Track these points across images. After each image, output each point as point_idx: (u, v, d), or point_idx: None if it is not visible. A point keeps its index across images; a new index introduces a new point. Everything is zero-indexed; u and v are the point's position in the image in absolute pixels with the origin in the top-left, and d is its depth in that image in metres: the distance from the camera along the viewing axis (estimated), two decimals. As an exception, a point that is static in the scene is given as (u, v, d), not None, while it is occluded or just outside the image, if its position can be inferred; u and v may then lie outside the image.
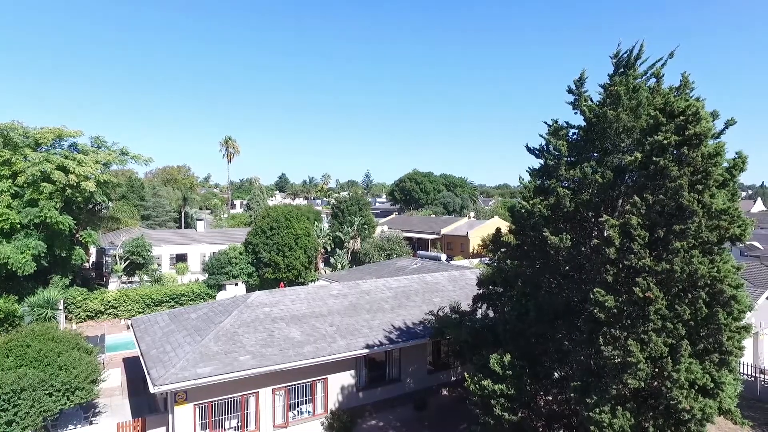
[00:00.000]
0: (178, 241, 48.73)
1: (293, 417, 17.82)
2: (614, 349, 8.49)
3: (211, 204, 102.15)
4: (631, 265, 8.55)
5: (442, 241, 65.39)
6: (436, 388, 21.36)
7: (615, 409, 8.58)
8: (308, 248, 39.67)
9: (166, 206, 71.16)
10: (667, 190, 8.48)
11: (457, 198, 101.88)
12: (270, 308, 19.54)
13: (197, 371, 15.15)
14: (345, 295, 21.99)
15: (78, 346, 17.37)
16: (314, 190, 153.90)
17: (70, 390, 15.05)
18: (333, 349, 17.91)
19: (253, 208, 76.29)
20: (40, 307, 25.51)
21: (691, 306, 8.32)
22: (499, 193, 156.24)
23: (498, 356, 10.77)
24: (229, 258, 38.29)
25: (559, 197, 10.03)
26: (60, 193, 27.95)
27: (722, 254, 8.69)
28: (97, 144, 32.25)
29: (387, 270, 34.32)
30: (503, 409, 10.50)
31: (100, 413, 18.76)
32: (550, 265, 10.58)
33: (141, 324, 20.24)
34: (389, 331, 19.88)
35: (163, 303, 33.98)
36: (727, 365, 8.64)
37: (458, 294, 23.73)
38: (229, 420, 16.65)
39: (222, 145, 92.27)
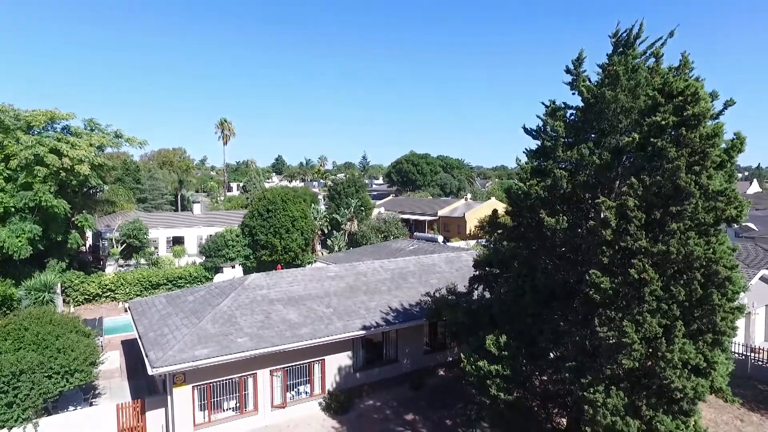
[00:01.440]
0: (174, 223, 48.64)
1: (291, 397, 18.01)
2: (609, 330, 8.54)
3: (207, 186, 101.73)
4: (627, 247, 8.55)
5: (438, 223, 65.47)
6: (432, 369, 21.59)
7: (609, 388, 8.67)
8: (305, 230, 39.66)
9: (162, 189, 70.85)
10: (665, 172, 8.43)
11: (454, 180, 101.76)
12: (267, 290, 19.59)
13: (195, 353, 15.24)
14: (342, 277, 22.05)
15: (76, 329, 17.42)
16: (311, 172, 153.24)
17: (69, 372, 15.13)
18: (330, 330, 18.01)
19: (249, 191, 76.01)
20: (37, 290, 25.52)
21: (686, 287, 8.35)
22: (496, 174, 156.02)
23: (494, 337, 10.84)
24: (226, 240, 38.27)
25: (556, 179, 9.98)
26: (54, 176, 27.73)
27: (718, 235, 8.69)
28: (90, 127, 31.90)
29: (384, 251, 34.39)
30: (499, 389, 10.62)
31: (100, 395, 18.92)
32: (546, 247, 10.60)
33: (138, 307, 20.29)
34: (386, 312, 19.99)
35: (161, 286, 34.04)
36: (720, 345, 8.72)
37: (455, 275, 23.83)
38: (227, 401, 16.81)
39: (217, 127, 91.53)
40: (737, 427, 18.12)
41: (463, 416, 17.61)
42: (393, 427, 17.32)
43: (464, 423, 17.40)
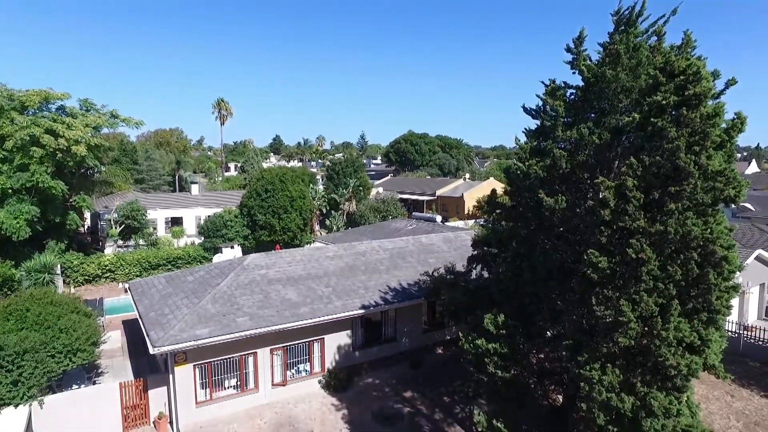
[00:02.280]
0: (172, 204, 48.57)
1: (291, 376, 18.26)
2: (606, 309, 8.64)
3: (205, 167, 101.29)
4: (626, 227, 8.58)
5: (437, 203, 65.49)
6: (431, 347, 21.87)
7: (605, 366, 8.81)
8: (303, 210, 39.65)
9: (160, 170, 70.54)
10: (664, 152, 8.42)
11: (453, 159, 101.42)
12: (266, 270, 19.69)
13: (195, 332, 15.39)
14: (341, 257, 22.15)
15: (77, 309, 17.55)
16: (309, 152, 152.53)
17: (71, 352, 15.30)
18: (329, 309, 18.18)
19: (247, 171, 75.71)
20: (37, 271, 25.61)
21: (682, 267, 8.42)
22: (495, 154, 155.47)
23: (492, 316, 10.96)
24: (225, 221, 38.27)
25: (555, 158, 9.95)
26: (50, 157, 27.57)
27: (716, 215, 8.73)
28: (85, 107, 31.58)
29: (382, 231, 34.47)
30: (496, 367, 10.78)
31: (103, 373, 19.17)
32: (544, 227, 10.63)
33: (138, 287, 20.40)
34: (385, 291, 20.15)
35: (160, 266, 34.16)
36: (715, 323, 8.84)
37: (453, 255, 23.95)
38: (228, 379, 17.05)
39: (214, 107, 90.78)
40: (727, 402, 18.51)
41: (461, 393, 17.95)
42: (392, 404, 17.62)
43: (462, 400, 17.74)
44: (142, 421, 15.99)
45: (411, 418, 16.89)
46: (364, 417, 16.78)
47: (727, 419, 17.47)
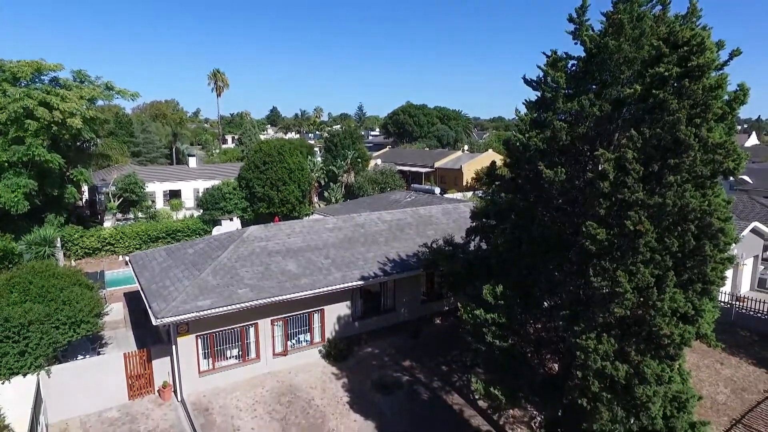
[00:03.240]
0: (170, 177, 48.39)
1: (292, 346, 18.59)
2: (603, 280, 8.76)
3: (202, 139, 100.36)
4: (624, 199, 8.62)
5: (435, 175, 65.34)
6: (429, 318, 22.21)
7: (600, 335, 8.99)
8: (302, 182, 39.59)
9: (156, 142, 69.93)
10: (665, 124, 8.38)
11: (451, 131, 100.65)
12: (266, 242, 19.80)
13: (197, 304, 15.59)
14: (340, 229, 22.25)
15: (79, 282, 17.70)
16: (306, 124, 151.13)
17: (75, 323, 15.52)
18: (329, 281, 18.37)
19: (245, 143, 75.14)
20: (37, 245, 25.71)
21: (679, 239, 8.50)
22: (494, 126, 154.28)
23: (491, 287, 11.09)
24: (223, 193, 38.24)
25: (555, 130, 9.91)
26: (46, 130, 27.31)
27: (714, 188, 8.76)
28: (79, 78, 31.10)
29: (381, 203, 34.51)
30: (494, 337, 10.98)
31: (107, 344, 19.48)
32: (543, 199, 10.67)
33: (139, 260, 20.53)
34: (384, 263, 20.33)
35: (159, 239, 34.30)
36: (709, 294, 8.98)
37: (452, 227, 24.07)
38: (230, 349, 17.36)
39: (210, 78, 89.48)
40: (717, 369, 19.00)
41: (459, 362, 18.34)
42: (391, 373, 18.00)
43: (460, 369, 18.14)
44: (146, 390, 16.35)
45: (410, 386, 17.29)
46: (364, 385, 17.16)
47: (716, 386, 17.95)
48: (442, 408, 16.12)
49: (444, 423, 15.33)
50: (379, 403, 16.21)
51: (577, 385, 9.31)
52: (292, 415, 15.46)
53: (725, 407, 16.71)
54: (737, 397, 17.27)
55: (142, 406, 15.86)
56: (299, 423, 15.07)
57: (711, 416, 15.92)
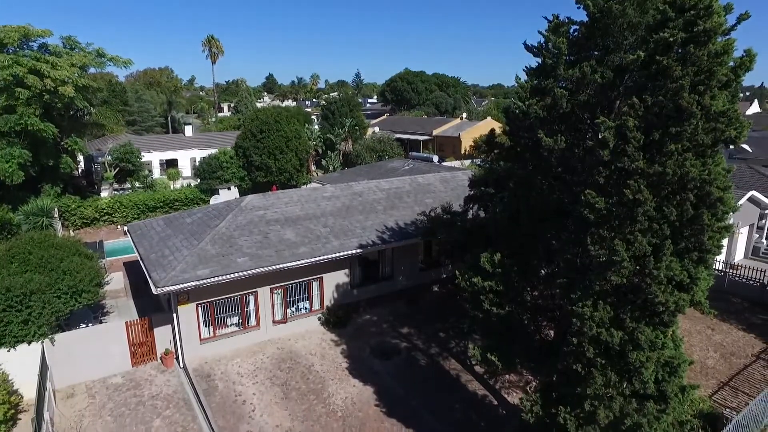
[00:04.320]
0: (167, 146, 47.90)
1: (292, 313, 18.83)
2: (600, 249, 8.79)
3: (197, 107, 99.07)
4: (624, 168, 8.57)
5: (434, 143, 64.85)
6: (427, 285, 22.44)
7: (596, 303, 9.09)
8: (299, 151, 39.28)
9: (151, 111, 68.96)
10: (667, 91, 8.25)
11: (450, 98, 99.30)
12: (264, 211, 19.80)
13: (197, 273, 15.69)
14: (338, 197, 22.22)
15: (78, 252, 17.74)
16: (303, 91, 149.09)
17: (76, 293, 15.64)
18: (327, 249, 18.46)
19: (241, 111, 74.20)
20: (35, 215, 25.66)
21: (678, 207, 8.49)
22: (493, 93, 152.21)
23: (488, 255, 11.16)
24: (220, 162, 37.98)
25: (555, 98, 9.76)
26: (37, 99, 26.84)
27: (714, 157, 8.70)
28: (69, 45, 30.34)
29: (379, 171, 34.39)
30: (491, 304, 11.12)
31: (108, 313, 19.71)
32: (542, 167, 10.60)
33: (137, 229, 20.55)
34: (382, 231, 20.39)
35: (157, 209, 34.26)
36: (705, 262, 9.04)
37: (450, 195, 24.06)
38: (230, 317, 17.58)
39: (204, 45, 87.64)
40: (708, 335, 19.40)
41: (456, 329, 18.64)
42: (389, 340, 18.32)
43: (457, 335, 18.45)
44: (149, 357, 16.64)
45: (408, 352, 17.62)
46: (363, 352, 17.49)
47: (706, 351, 18.36)
48: (439, 373, 16.48)
49: (441, 388, 15.69)
50: (378, 368, 16.55)
51: (572, 351, 9.48)
52: (292, 380, 15.79)
53: (714, 371, 17.14)
54: (726, 362, 17.69)
55: (145, 373, 16.17)
56: (299, 388, 15.41)
57: (700, 380, 16.34)
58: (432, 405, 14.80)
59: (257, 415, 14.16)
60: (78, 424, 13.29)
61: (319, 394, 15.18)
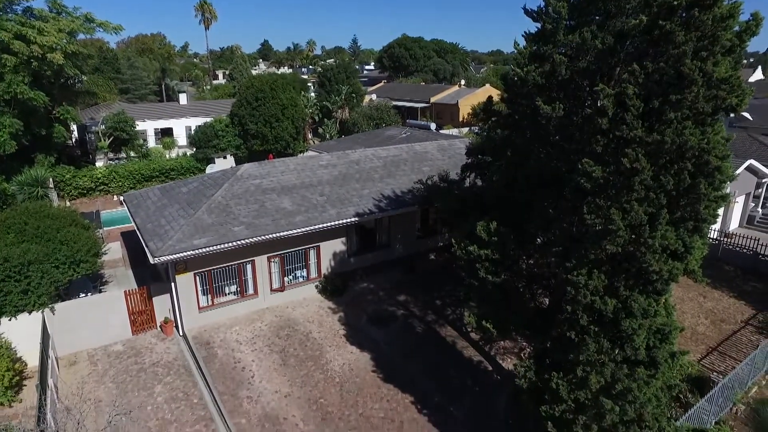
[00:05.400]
0: (161, 115, 47.21)
1: (289, 282, 18.98)
2: (597, 217, 8.78)
3: (191, 75, 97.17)
4: (622, 136, 8.46)
5: (431, 110, 64.14)
6: (424, 253, 22.58)
7: (591, 271, 9.15)
8: (296, 119, 38.84)
9: (144, 78, 67.66)
10: (669, 58, 8.06)
11: (448, 65, 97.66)
12: (260, 180, 19.70)
13: (193, 242, 15.72)
14: (334, 165, 22.09)
15: (75, 222, 17.71)
16: (299, 58, 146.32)
17: (74, 263, 15.69)
18: (324, 218, 18.46)
19: (236, 78, 72.87)
20: (29, 185, 25.48)
21: (675, 177, 8.43)
22: (492, 60, 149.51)
23: (485, 223, 11.16)
24: (216, 131, 37.58)
25: (554, 64, 9.56)
26: (25, 66, 26.19)
27: (714, 125, 8.58)
28: (55, 9, 29.39)
29: (376, 139, 34.11)
30: (487, 272, 11.19)
31: (107, 282, 19.83)
32: (540, 135, 10.48)
33: (133, 199, 20.46)
34: (379, 199, 20.37)
35: (153, 178, 34.09)
36: (700, 231, 9.05)
37: (447, 163, 23.94)
38: (228, 286, 17.71)
39: (197, 10, 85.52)
40: (699, 303, 19.70)
41: (452, 297, 18.85)
42: (386, 307, 18.54)
43: (453, 303, 18.67)
44: (149, 326, 16.84)
45: (404, 319, 17.86)
46: (360, 319, 17.72)
47: (698, 317, 18.68)
48: (435, 340, 16.76)
49: (437, 354, 15.98)
50: (375, 335, 16.81)
51: (566, 319, 9.60)
52: (290, 347, 16.05)
53: (704, 337, 17.48)
54: (716, 328, 18.02)
55: (145, 341, 16.39)
56: (298, 355, 15.67)
57: (690, 345, 16.68)
58: (428, 371, 15.10)
59: (256, 381, 14.44)
60: (81, 390, 13.54)
61: (317, 360, 15.45)
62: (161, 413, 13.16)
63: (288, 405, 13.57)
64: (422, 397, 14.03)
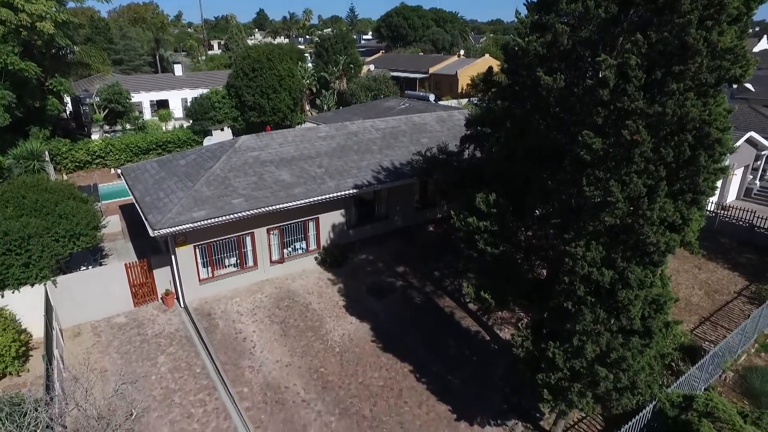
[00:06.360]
0: (156, 86, 46.51)
1: (288, 254, 19.11)
2: (596, 190, 8.78)
3: (186, 45, 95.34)
4: (623, 108, 8.39)
5: (430, 81, 63.34)
6: (422, 225, 22.69)
7: (589, 243, 9.22)
8: (293, 90, 38.35)
9: (138, 49, 66.28)
10: (674, 27, 7.93)
11: (447, 35, 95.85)
12: (258, 152, 19.60)
13: (192, 215, 15.74)
14: (333, 137, 21.95)
15: (73, 195, 17.68)
16: (295, 28, 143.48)
17: (74, 236, 15.74)
18: (323, 189, 18.46)
19: (231, 49, 71.54)
20: (25, 159, 25.29)
21: (675, 149, 8.41)
22: (492, 29, 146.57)
23: (484, 195, 11.17)
24: (212, 102, 37.13)
25: (556, 34, 9.39)
26: (14, 35, 25.60)
27: (717, 96, 8.49)
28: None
29: (374, 111, 33.80)
30: (486, 244, 11.26)
31: (108, 255, 19.93)
32: (540, 107, 10.38)
33: (131, 172, 20.39)
34: (377, 171, 20.33)
35: (150, 151, 33.84)
36: (698, 204, 9.08)
37: (446, 134, 23.81)
38: (228, 258, 17.83)
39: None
40: (694, 274, 19.94)
41: (451, 268, 19.02)
42: (385, 278, 18.73)
43: (451, 274, 18.85)
44: (150, 298, 17.02)
45: (403, 291, 18.07)
46: (359, 290, 17.92)
47: (692, 288, 18.94)
48: (434, 310, 16.99)
49: (436, 324, 16.23)
50: (374, 306, 17.03)
51: (563, 290, 9.72)
52: (291, 318, 16.27)
53: (697, 307, 17.77)
54: (709, 299, 18.30)
55: (147, 313, 16.59)
56: (298, 325, 15.91)
57: (684, 315, 16.97)
58: (426, 341, 15.37)
59: (257, 351, 14.70)
60: (87, 359, 13.78)
61: (317, 331, 15.69)
62: (165, 382, 13.43)
63: (289, 374, 13.85)
64: (421, 366, 14.32)
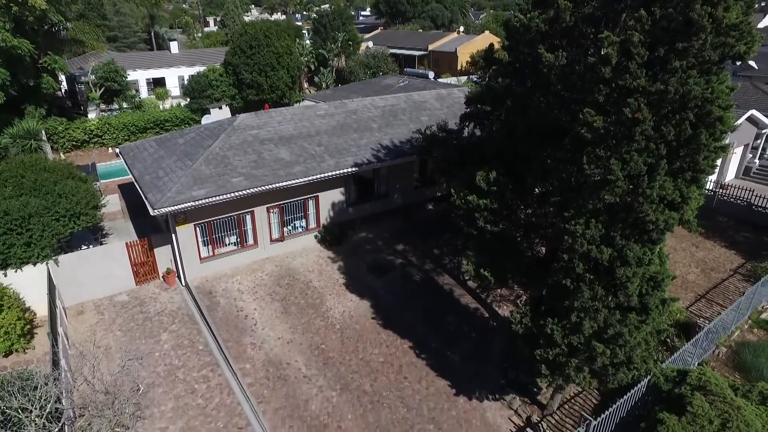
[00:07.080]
0: (152, 64, 45.92)
1: (288, 232, 19.18)
2: (596, 168, 8.79)
3: (182, 22, 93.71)
4: (625, 85, 8.33)
5: (429, 58, 62.58)
6: (422, 203, 22.74)
7: (589, 221, 9.27)
8: (291, 67, 37.95)
9: (133, 26, 65.24)
10: (678, 3, 7.85)
11: (447, 11, 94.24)
12: (257, 130, 19.50)
13: (192, 194, 15.75)
14: (332, 115, 21.83)
15: (72, 175, 17.63)
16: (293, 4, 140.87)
17: (74, 216, 15.76)
18: (322, 168, 18.44)
19: (228, 26, 70.43)
20: (22, 138, 25.11)
21: (676, 127, 8.39)
22: (492, 5, 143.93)
23: (483, 173, 11.18)
24: (210, 80, 36.75)
25: (558, 10, 9.28)
26: (5, 10, 25.12)
27: (719, 74, 8.42)
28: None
29: (373, 88, 33.50)
30: (486, 222, 11.32)
31: (108, 235, 19.99)
32: (541, 84, 10.31)
33: (130, 151, 20.30)
34: (377, 149, 20.28)
35: (148, 129, 33.62)
36: (698, 182, 9.10)
37: (446, 113, 23.68)
38: (228, 236, 17.90)
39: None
40: (692, 252, 20.09)
41: (450, 246, 19.14)
42: (384, 256, 18.85)
43: (451, 252, 18.98)
44: (151, 276, 17.15)
45: (402, 268, 18.21)
46: (359, 268, 18.05)
47: (689, 266, 19.10)
48: (433, 288, 17.16)
49: (435, 302, 16.41)
50: (374, 284, 17.18)
51: (562, 267, 9.81)
52: (291, 296, 16.43)
53: (693, 285, 17.96)
54: (705, 276, 18.49)
55: (149, 291, 16.73)
56: (299, 303, 16.08)
57: (680, 293, 17.16)
58: (426, 318, 15.57)
59: (259, 328, 14.89)
60: (93, 337, 13.97)
61: (318, 308, 15.87)
62: (168, 359, 13.64)
63: (290, 351, 14.05)
64: (420, 342, 14.54)
